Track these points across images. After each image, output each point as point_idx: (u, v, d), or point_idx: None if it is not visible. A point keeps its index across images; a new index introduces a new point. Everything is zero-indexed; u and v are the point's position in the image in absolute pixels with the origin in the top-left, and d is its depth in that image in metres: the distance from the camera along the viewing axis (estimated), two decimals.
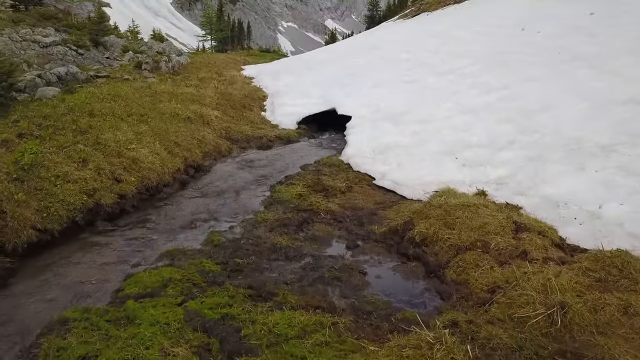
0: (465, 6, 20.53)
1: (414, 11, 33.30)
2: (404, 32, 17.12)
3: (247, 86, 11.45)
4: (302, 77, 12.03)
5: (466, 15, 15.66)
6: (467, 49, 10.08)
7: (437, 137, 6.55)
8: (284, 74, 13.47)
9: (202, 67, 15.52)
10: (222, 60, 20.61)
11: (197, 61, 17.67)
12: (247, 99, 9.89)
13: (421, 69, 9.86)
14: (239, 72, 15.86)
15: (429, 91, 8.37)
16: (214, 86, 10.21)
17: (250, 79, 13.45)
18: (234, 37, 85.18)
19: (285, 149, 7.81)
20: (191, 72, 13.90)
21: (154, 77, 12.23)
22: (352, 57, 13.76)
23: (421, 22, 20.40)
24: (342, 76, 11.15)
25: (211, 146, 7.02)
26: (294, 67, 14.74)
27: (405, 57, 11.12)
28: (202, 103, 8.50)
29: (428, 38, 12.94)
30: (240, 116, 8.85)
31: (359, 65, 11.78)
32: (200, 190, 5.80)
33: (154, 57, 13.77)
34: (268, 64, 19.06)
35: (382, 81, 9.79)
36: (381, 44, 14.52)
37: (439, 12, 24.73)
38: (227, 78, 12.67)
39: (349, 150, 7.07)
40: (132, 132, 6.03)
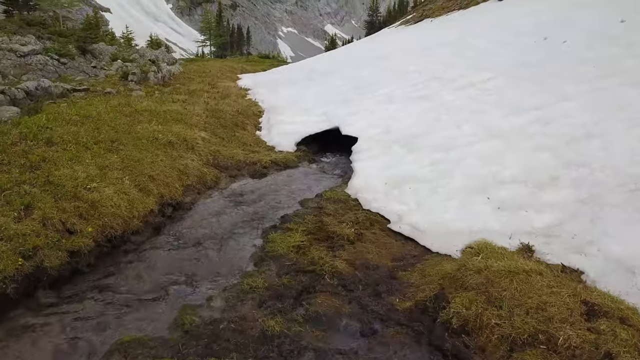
0: (472, 12, 19.62)
1: (416, 17, 32.45)
2: (410, 39, 16.15)
3: (241, 100, 10.43)
4: (302, 90, 11.03)
5: (475, 22, 14.69)
6: (486, 60, 9.08)
7: (462, 169, 5.51)
8: (282, 86, 12.46)
9: (195, 77, 14.52)
10: (217, 68, 19.64)
11: (191, 70, 16.71)
12: (240, 116, 8.85)
13: (435, 82, 8.84)
14: (234, 82, 14.86)
15: (446, 109, 7.35)
16: (203, 101, 9.19)
17: (246, 91, 12.44)
18: (234, 43, 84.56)
19: (282, 176, 6.77)
20: (182, 83, 12.91)
21: (140, 89, 11.24)
22: (356, 67, 12.76)
23: (426, 29, 19.46)
24: (346, 89, 10.14)
25: (194, 177, 5.97)
26: (294, 78, 13.74)
27: (415, 69, 10.12)
28: (188, 123, 7.47)
29: (438, 47, 11.94)
30: (232, 137, 7.81)
31: (364, 77, 10.78)
32: (177, 238, 4.74)
33: (142, 67, 12.77)
34: (266, 73, 18.09)
35: (392, 96, 8.78)
36: (387, 53, 13.53)
37: (443, 18, 23.84)
38: (220, 90, 11.67)
39: (356, 181, 6.02)
40: (96, 165, 4.98)
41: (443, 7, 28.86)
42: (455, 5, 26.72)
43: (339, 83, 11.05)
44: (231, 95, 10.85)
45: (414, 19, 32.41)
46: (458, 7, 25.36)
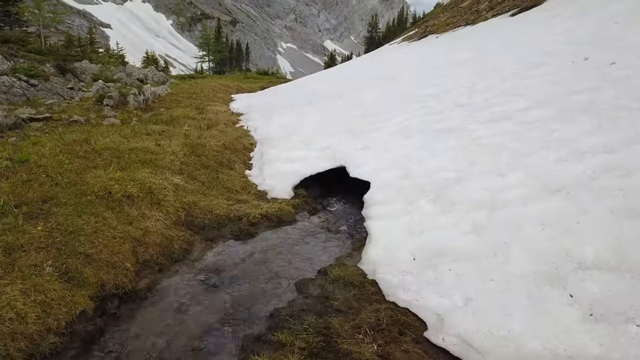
0: (481, 28, 18.44)
1: (419, 33, 31.43)
2: (417, 57, 14.85)
3: (230, 130, 8.98)
4: (301, 117, 9.62)
5: (490, 39, 13.40)
6: (518, 85, 7.67)
7: (521, 241, 4.00)
8: (278, 111, 11.06)
9: (182, 100, 13.12)
10: (210, 88, 18.31)
11: (181, 91, 15.32)
12: (227, 151, 7.38)
13: (458, 111, 7.41)
14: (226, 105, 13.48)
15: (480, 148, 5.88)
16: (184, 133, 7.73)
17: (238, 117, 11.04)
18: (232, 59, 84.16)
19: (275, 237, 5.24)
20: (168, 107, 11.51)
21: (115, 115, 9.81)
22: (360, 88, 11.39)
23: (434, 46, 18.22)
24: (352, 117, 8.72)
25: (156, 247, 4.45)
26: (292, 101, 12.37)
27: (431, 93, 8.72)
28: (159, 165, 5.99)
29: (453, 66, 10.58)
30: (214, 181, 6.31)
31: (371, 102, 9.39)
32: (115, 358, 3.21)
33: (121, 89, 11.37)
34: (262, 94, 16.75)
35: (407, 127, 7.34)
36: (394, 73, 12.18)
37: (449, 34, 22.72)
38: (207, 116, 10.25)
39: (372, 251, 4.51)
40: (4, 245, 3.47)
41: (447, 23, 27.84)
42: (461, 21, 25.66)
43: (343, 108, 9.63)
44: (219, 124, 9.41)
45: (417, 35, 31.39)
46: (464, 22, 24.28)
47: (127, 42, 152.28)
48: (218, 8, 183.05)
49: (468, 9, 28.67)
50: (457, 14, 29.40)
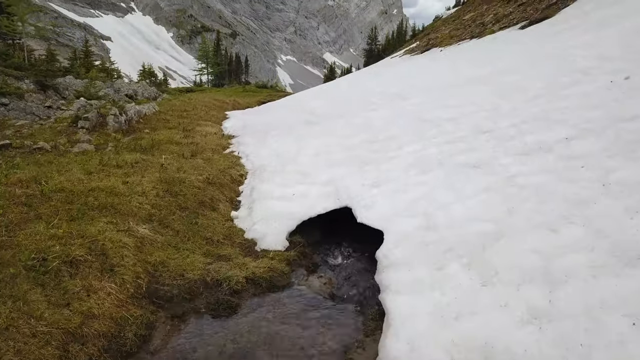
0: (490, 42, 17.50)
1: (422, 46, 30.64)
2: (424, 72, 13.84)
3: (217, 157, 7.85)
4: (299, 141, 8.52)
5: (504, 53, 12.40)
6: (551, 108, 6.58)
7: (608, 347, 2.84)
8: (274, 133, 9.97)
9: (171, 119, 12.03)
10: (204, 103, 17.28)
11: (171, 109, 14.26)
12: (210, 187, 6.24)
13: (484, 139, 6.30)
14: (218, 125, 12.41)
15: (520, 191, 4.75)
16: (162, 164, 6.58)
17: (229, 140, 9.94)
18: (232, 71, 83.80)
19: (264, 312, 4.06)
20: (153, 128, 10.43)
21: (90, 140, 8.71)
22: (365, 107, 10.31)
23: (440, 60, 17.25)
24: (358, 143, 7.62)
25: (100, 339, 3.27)
26: (289, 120, 11.29)
27: (448, 115, 7.63)
28: (123, 211, 4.84)
29: (468, 84, 9.53)
30: (192, 228, 5.16)
31: (378, 125, 8.29)
32: None
33: (100, 108, 10.29)
34: (259, 110, 15.71)
35: (426, 159, 6.22)
36: (402, 90, 11.13)
37: (454, 48, 21.84)
38: (194, 140, 9.15)
39: (393, 344, 3.33)
40: None
41: (451, 36, 27.04)
42: (465, 33, 24.84)
43: (347, 131, 8.53)
44: (206, 150, 8.30)
45: (420, 48, 30.60)
46: (469, 35, 23.44)
47: (128, 54, 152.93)
48: (218, 21, 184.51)
49: (472, 21, 27.92)
50: (461, 26, 28.65)
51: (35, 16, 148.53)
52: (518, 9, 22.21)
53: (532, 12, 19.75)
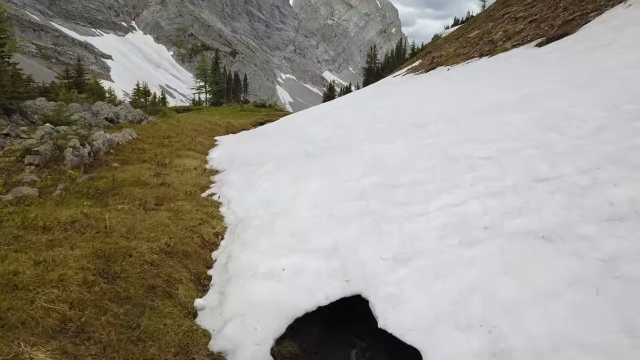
0: (504, 61, 16.07)
1: (426, 65, 29.40)
2: (438, 95, 12.27)
3: (190, 208, 6.08)
4: (295, 182, 6.81)
5: (526, 73, 10.87)
6: (633, 147, 4.93)
7: None
8: (266, 168, 8.29)
9: (148, 149, 10.38)
10: (194, 128, 15.69)
11: (154, 134, 12.64)
12: (169, 260, 4.47)
13: (545, 191, 4.61)
14: (204, 155, 10.76)
15: (634, 292, 3.05)
16: (107, 226, 4.86)
17: (211, 178, 8.26)
18: (230, 90, 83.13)
19: None
20: (125, 160, 8.78)
21: (35, 182, 7.03)
22: (375, 137, 8.67)
23: (452, 80, 15.75)
24: (369, 186, 5.93)
25: None
26: (286, 151, 9.64)
27: (483, 153, 5.97)
28: (16, 321, 3.11)
29: (499, 111, 7.91)
30: (128, 339, 3.41)
31: (396, 163, 6.59)
32: None
33: (58, 139, 8.66)
34: (253, 135, 14.12)
35: (468, 222, 4.45)
36: (416, 115, 9.53)
37: (462, 67, 20.47)
38: (167, 180, 7.45)
39: None
40: None
41: (458, 54, 25.77)
42: (473, 51, 23.55)
43: (354, 170, 6.85)
44: (178, 195, 6.59)
45: (424, 67, 29.33)
46: (478, 54, 22.11)
47: (128, 72, 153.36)
48: (218, 40, 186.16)
49: (479, 39, 26.73)
50: (467, 44, 27.45)
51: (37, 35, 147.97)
52: (530, 26, 20.95)
53: (547, 29, 18.44)
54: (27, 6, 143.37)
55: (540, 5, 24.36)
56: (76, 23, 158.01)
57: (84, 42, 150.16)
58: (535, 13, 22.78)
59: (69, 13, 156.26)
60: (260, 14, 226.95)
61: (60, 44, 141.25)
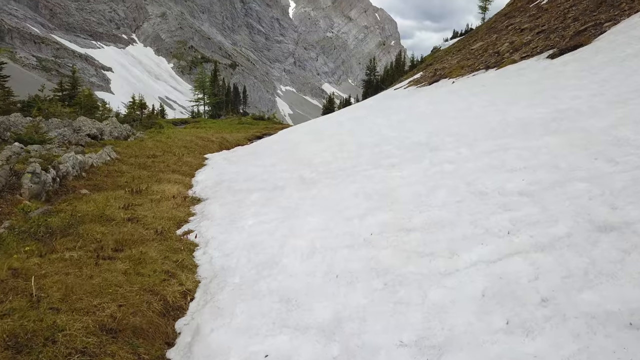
0: (515, 72, 15.08)
1: (428, 77, 28.51)
2: (448, 110, 11.20)
3: (155, 256, 4.85)
4: (288, 218, 5.64)
5: (546, 86, 9.82)
6: None
7: None
8: (254, 197, 7.14)
9: (127, 171, 9.25)
10: (184, 144, 14.60)
11: (138, 153, 11.53)
12: (110, 344, 3.31)
13: (615, 246, 3.49)
14: (188, 177, 9.63)
15: None
16: (31, 293, 3.69)
17: (190, 208, 7.11)
18: (229, 102, 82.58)
19: None
20: (96, 186, 7.65)
21: None
22: (380, 161, 7.55)
23: (456, 92, 14.71)
24: (380, 232, 4.74)
25: None
26: (279, 175, 8.50)
27: (521, 188, 4.81)
28: None
29: (529, 131, 6.80)
30: None
31: (408, 198, 5.42)
32: None
33: (17, 162, 7.54)
34: (245, 153, 13.02)
35: (518, 291, 3.24)
36: (428, 136, 8.43)
37: (468, 79, 19.50)
38: (137, 214, 6.30)
39: None
40: None
41: (462, 66, 24.87)
42: (478, 64, 22.64)
43: (359, 205, 5.69)
44: (146, 235, 5.41)
45: (427, 79, 28.43)
46: (484, 66, 21.17)
47: (129, 85, 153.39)
48: (218, 52, 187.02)
49: (483, 51, 25.88)
50: (471, 56, 26.59)
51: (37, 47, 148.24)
52: (538, 37, 20.07)
53: (557, 40, 17.52)
54: (28, 19, 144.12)
55: (546, 16, 23.57)
56: (77, 35, 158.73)
57: (85, 55, 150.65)
58: (543, 24, 21.94)
59: (69, 26, 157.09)
60: (260, 26, 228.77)
61: (61, 56, 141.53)
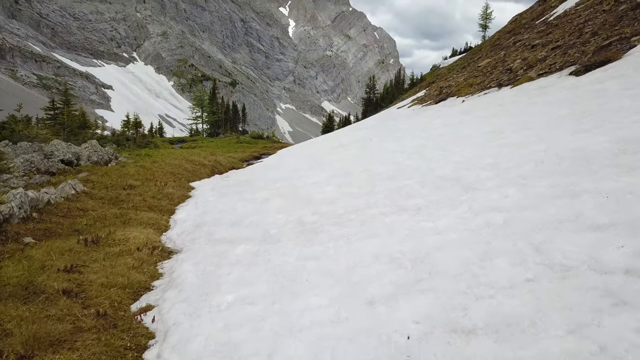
0: (536, 91, 13.70)
1: (434, 95, 27.21)
2: (468, 133, 9.68)
3: None
4: (281, 298, 4.03)
5: (593, 106, 8.35)
6: None
7: None
8: (239, 250, 5.52)
9: (91, 209, 7.65)
10: (170, 169, 13.04)
11: (111, 184, 9.96)
12: None
13: None
14: (166, 216, 8.05)
15: None
16: None
17: (157, 266, 5.47)
18: (228, 120, 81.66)
19: None
20: (44, 233, 6.03)
21: None
22: (401, 203, 5.96)
23: (471, 112, 13.23)
24: (416, 327, 3.19)
25: None
26: (273, 219, 6.90)
27: (618, 261, 3.26)
28: None
29: (589, 165, 5.27)
30: None
31: (452, 268, 3.80)
32: None
33: None
34: (237, 182, 11.44)
35: None
36: (456, 169, 6.87)
37: (479, 98, 18.11)
38: (81, 280, 4.67)
39: None
40: None
41: (470, 84, 23.58)
42: (489, 81, 21.34)
43: (382, 279, 4.06)
44: (83, 322, 3.79)
45: (432, 97, 27.14)
46: (496, 83, 19.84)
47: (129, 102, 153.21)
48: (218, 70, 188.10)
49: (492, 68, 24.67)
50: (479, 73, 25.36)
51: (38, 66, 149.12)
52: (553, 53, 18.81)
53: (577, 56, 16.21)
54: (30, 38, 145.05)
55: (558, 31, 22.43)
56: (78, 54, 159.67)
57: (85, 73, 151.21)
58: (556, 39, 20.76)
59: (71, 44, 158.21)
60: (260, 45, 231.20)
61: (62, 75, 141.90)
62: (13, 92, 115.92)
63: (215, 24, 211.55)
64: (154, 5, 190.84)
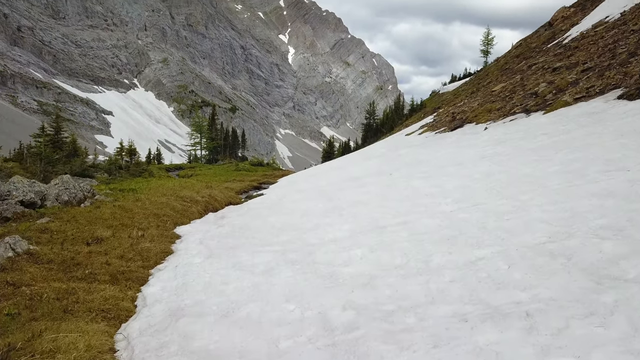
0: (583, 118, 11.75)
1: (447, 122, 25.33)
2: (537, 174, 7.56)
3: None
4: None
5: None
6: None
7: None
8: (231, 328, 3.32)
9: (27, 283, 5.41)
10: (155, 209, 10.88)
11: (73, 234, 7.66)
12: None
13: None
14: (128, 293, 5.77)
15: None
16: None
17: None
18: (227, 146, 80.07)
19: None
20: None
21: None
22: (482, 292, 3.79)
23: (514, 143, 11.15)
24: None
25: None
26: (279, 314, 4.70)
27: None
28: None
29: None
30: None
31: None
32: None
33: None
34: (232, 229, 9.22)
35: None
36: (553, 236, 4.69)
37: (505, 125, 16.11)
38: None
39: None
40: None
41: (488, 110, 21.77)
42: (512, 106, 19.50)
43: None
44: None
45: (445, 124, 25.29)
46: (521, 109, 17.99)
47: (129, 128, 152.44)
48: (218, 96, 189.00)
49: (510, 92, 22.96)
50: (495, 98, 23.63)
51: (39, 92, 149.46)
52: (585, 75, 17.05)
53: (620, 78, 14.39)
54: (32, 64, 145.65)
55: (582, 53, 20.82)
56: (79, 80, 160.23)
57: (86, 99, 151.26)
58: (583, 61, 19.09)
59: (72, 71, 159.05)
60: (260, 71, 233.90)
61: (62, 101, 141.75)
62: (13, 118, 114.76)
63: (215, 51, 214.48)
64: (155, 33, 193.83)
